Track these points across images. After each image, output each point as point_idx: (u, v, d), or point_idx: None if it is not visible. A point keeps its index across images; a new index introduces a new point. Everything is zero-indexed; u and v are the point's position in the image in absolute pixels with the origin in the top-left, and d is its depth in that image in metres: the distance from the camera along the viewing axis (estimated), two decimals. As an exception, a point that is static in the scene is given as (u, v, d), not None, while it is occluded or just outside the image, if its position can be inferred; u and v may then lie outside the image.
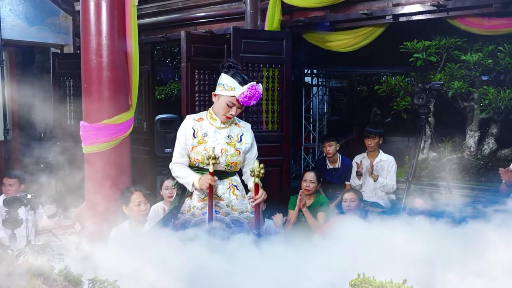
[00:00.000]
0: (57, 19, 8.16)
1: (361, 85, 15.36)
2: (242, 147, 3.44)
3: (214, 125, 3.45)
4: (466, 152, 6.92)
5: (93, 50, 4.18)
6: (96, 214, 4.27)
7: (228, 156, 3.38)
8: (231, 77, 3.35)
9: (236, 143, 3.43)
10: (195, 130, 3.46)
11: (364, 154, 5.80)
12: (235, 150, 3.41)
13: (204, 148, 3.37)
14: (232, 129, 3.47)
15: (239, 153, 3.42)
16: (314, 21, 6.25)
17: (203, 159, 3.33)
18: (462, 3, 5.33)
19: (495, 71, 6.71)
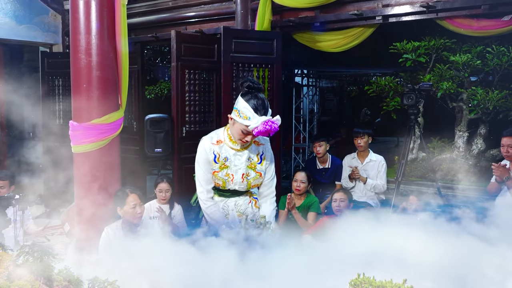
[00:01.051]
0: (46, 18, 8.10)
1: (351, 85, 15.44)
2: (263, 168, 3.35)
3: (234, 148, 3.30)
4: (455, 152, 6.97)
5: (83, 49, 4.15)
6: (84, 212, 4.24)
7: (249, 180, 3.32)
8: (246, 103, 3.05)
9: (256, 164, 3.32)
10: (217, 156, 3.31)
11: (354, 154, 5.82)
12: (256, 173, 3.32)
13: (226, 174, 3.28)
14: (251, 149, 3.32)
15: (260, 175, 3.34)
16: (305, 21, 6.26)
17: (224, 184, 3.30)
18: (451, 4, 5.36)
19: (483, 72, 6.77)
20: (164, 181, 4.85)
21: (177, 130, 5.95)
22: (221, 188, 3.35)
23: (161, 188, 4.81)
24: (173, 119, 5.94)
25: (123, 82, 4.34)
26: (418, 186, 6.52)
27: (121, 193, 3.97)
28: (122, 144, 4.54)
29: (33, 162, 7.83)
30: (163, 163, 6.84)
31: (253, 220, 3.35)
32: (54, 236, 6.12)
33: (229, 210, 3.38)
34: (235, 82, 6.03)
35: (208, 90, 6.28)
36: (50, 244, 5.55)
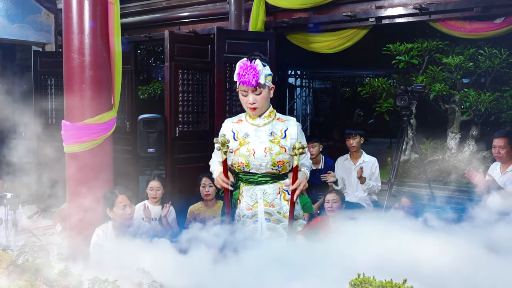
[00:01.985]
0: (39, 17, 8.06)
1: (344, 86, 15.48)
2: (288, 143, 3.09)
3: (254, 124, 3.15)
4: (447, 153, 7.00)
5: (76, 48, 4.13)
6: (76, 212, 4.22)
7: (273, 155, 3.06)
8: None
9: (280, 139, 3.11)
10: (235, 133, 3.16)
11: (346, 155, 5.83)
12: (280, 147, 3.08)
13: (247, 149, 3.08)
14: (274, 124, 3.15)
15: (285, 150, 3.07)
16: (298, 22, 6.27)
17: (247, 161, 3.07)
18: (444, 6, 5.39)
19: (475, 74, 6.80)
20: (155, 179, 4.84)
21: (170, 130, 5.94)
22: (246, 170, 3.12)
23: (151, 186, 4.79)
24: (166, 119, 5.92)
25: (116, 82, 4.33)
26: (410, 187, 6.55)
27: (110, 194, 3.91)
28: (114, 144, 4.53)
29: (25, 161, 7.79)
30: (156, 163, 6.81)
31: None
32: (46, 236, 6.09)
33: (257, 199, 3.14)
34: (228, 82, 6.03)
35: (201, 90, 6.28)
36: (42, 244, 5.53)
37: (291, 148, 3.03)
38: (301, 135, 3.18)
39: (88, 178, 4.16)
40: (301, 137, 3.16)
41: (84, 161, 4.17)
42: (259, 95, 3.04)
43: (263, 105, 3.09)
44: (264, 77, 3.03)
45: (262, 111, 3.13)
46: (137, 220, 4.08)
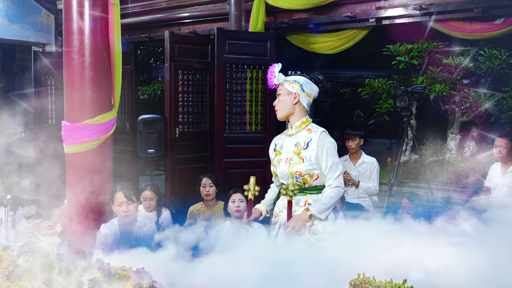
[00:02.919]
0: (39, 17, 8.06)
1: (344, 87, 15.45)
2: (307, 154, 3.11)
3: (287, 135, 3.28)
4: (447, 154, 6.99)
5: (76, 49, 4.13)
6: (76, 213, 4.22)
7: (291, 165, 3.14)
8: None
9: (301, 150, 3.14)
10: (276, 145, 3.34)
11: (346, 156, 5.83)
12: (299, 158, 3.13)
13: (277, 160, 3.22)
14: (301, 135, 3.20)
15: (302, 161, 3.11)
16: (298, 23, 6.27)
17: (275, 171, 3.22)
18: (444, 7, 5.39)
19: (476, 74, 6.79)
20: (148, 189, 4.63)
21: (170, 130, 5.94)
22: (278, 179, 3.26)
23: (145, 196, 4.59)
24: (166, 120, 5.92)
25: (116, 83, 4.33)
26: (410, 188, 6.53)
27: (113, 189, 3.96)
28: (114, 145, 4.53)
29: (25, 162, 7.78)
30: (156, 164, 6.82)
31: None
32: (46, 237, 6.08)
33: (282, 208, 3.20)
34: (228, 83, 6.03)
35: (201, 91, 6.27)
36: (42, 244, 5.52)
37: (310, 159, 3.09)
38: (326, 148, 3.12)
39: (88, 179, 4.16)
40: (328, 151, 3.12)
41: (84, 161, 4.17)
42: (279, 97, 3.22)
43: (283, 109, 3.21)
44: (285, 81, 3.20)
45: (283, 117, 3.24)
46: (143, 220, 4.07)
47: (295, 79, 3.21)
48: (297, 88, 3.19)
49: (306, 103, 3.22)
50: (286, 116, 3.24)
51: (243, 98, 6.12)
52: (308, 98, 3.22)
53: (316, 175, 3.12)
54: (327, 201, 3.08)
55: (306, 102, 3.22)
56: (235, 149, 6.11)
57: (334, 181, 3.10)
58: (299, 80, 3.21)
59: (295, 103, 3.19)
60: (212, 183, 5.00)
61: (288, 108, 3.21)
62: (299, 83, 3.20)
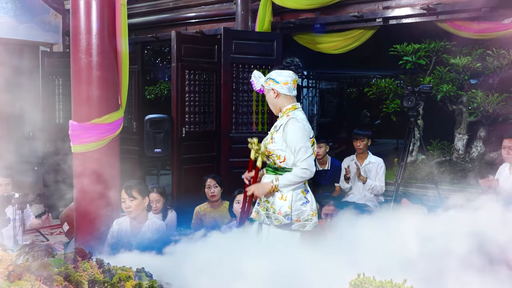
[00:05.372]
0: (47, 18, 8.10)
1: (351, 87, 15.42)
2: (276, 136, 3.37)
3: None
4: (454, 155, 6.96)
5: (83, 49, 4.15)
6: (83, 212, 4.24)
7: (265, 144, 3.42)
8: None
9: (275, 132, 3.41)
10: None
11: (353, 156, 5.82)
12: (271, 138, 3.41)
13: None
14: (281, 119, 3.43)
15: (271, 141, 3.38)
16: (305, 22, 6.27)
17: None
18: (451, 7, 5.36)
19: (483, 74, 6.75)
20: (154, 192, 4.67)
21: (177, 130, 5.95)
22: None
23: (151, 199, 4.50)
24: (173, 120, 5.94)
25: (123, 82, 4.35)
26: (417, 188, 6.51)
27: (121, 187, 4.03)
28: (121, 144, 4.55)
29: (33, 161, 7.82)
30: (162, 163, 6.83)
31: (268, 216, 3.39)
32: (53, 236, 6.13)
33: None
34: (235, 83, 6.04)
35: (208, 90, 6.28)
36: (49, 243, 5.55)
37: (278, 140, 3.34)
38: (292, 131, 3.30)
39: (95, 178, 4.18)
40: (293, 133, 3.30)
41: (91, 161, 4.19)
42: (266, 98, 3.51)
43: (272, 106, 3.49)
44: (262, 82, 3.46)
45: (276, 112, 3.49)
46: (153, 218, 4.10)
47: (268, 77, 3.45)
48: (272, 84, 3.41)
49: (286, 90, 3.40)
50: (277, 110, 3.48)
51: (250, 98, 6.12)
52: (285, 85, 3.40)
53: (283, 157, 3.34)
54: (291, 178, 3.30)
55: (286, 89, 3.40)
56: (241, 149, 6.08)
57: (301, 163, 3.27)
58: (271, 75, 3.43)
59: (276, 97, 3.42)
60: (216, 183, 5.00)
61: (274, 104, 3.47)
62: (271, 78, 3.42)
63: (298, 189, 3.37)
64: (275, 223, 3.35)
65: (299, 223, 3.35)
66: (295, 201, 3.35)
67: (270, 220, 3.38)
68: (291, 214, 3.32)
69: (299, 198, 3.38)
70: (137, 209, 3.93)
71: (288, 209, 3.32)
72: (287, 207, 3.33)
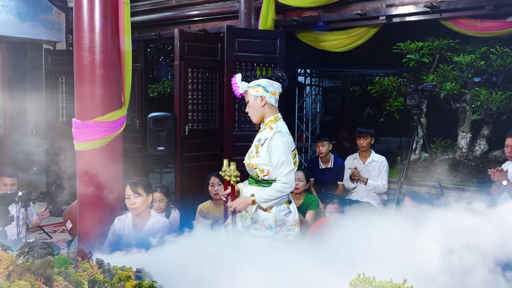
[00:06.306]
0: (50, 16, 8.11)
1: (354, 85, 15.42)
2: (261, 150, 3.37)
3: (260, 130, 3.53)
4: (457, 153, 6.95)
5: (86, 47, 4.15)
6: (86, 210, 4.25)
7: (249, 158, 3.43)
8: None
9: (259, 146, 3.40)
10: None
11: (356, 154, 5.81)
12: (255, 152, 3.40)
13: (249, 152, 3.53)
14: (265, 132, 3.43)
15: (256, 155, 3.38)
16: (308, 20, 6.26)
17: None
18: (455, 4, 5.35)
19: (487, 72, 6.75)
20: (157, 191, 4.64)
21: (180, 128, 5.95)
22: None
23: (154, 198, 4.52)
24: (176, 118, 5.94)
25: (126, 80, 4.35)
26: (420, 186, 6.51)
27: (125, 184, 4.04)
28: (124, 142, 4.55)
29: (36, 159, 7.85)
30: (165, 161, 6.85)
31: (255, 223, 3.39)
32: (56, 233, 6.15)
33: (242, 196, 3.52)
34: (238, 81, 6.02)
35: (211, 89, 6.28)
36: (52, 241, 5.57)
37: (263, 155, 3.34)
38: (276, 146, 3.31)
39: (98, 176, 4.19)
40: (276, 148, 3.31)
41: (94, 159, 4.19)
42: (248, 104, 3.45)
43: (255, 114, 3.44)
44: (249, 87, 3.42)
45: (257, 119, 3.47)
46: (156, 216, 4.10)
47: (258, 83, 3.40)
48: (261, 91, 3.38)
49: (273, 101, 3.42)
50: (259, 118, 3.46)
51: (253, 96, 6.11)
52: (273, 96, 3.41)
53: (267, 171, 3.34)
54: (270, 193, 3.30)
55: (274, 100, 3.42)
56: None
57: (282, 178, 3.28)
58: (261, 83, 3.39)
59: (263, 105, 3.39)
60: (220, 182, 5.00)
61: (258, 112, 3.42)
62: (262, 85, 3.39)
63: (282, 200, 3.39)
64: (257, 234, 3.36)
65: (282, 233, 3.38)
66: (278, 212, 3.38)
67: (251, 231, 3.40)
68: (275, 227, 3.36)
69: (283, 208, 3.41)
70: (141, 206, 3.93)
71: (272, 222, 3.36)
72: (272, 220, 3.36)
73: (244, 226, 3.45)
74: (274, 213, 3.35)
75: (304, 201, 5.17)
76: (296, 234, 3.43)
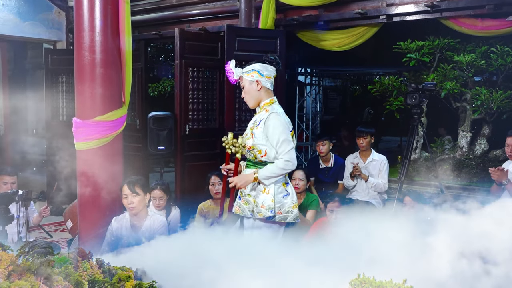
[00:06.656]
0: (50, 15, 8.11)
1: (355, 84, 15.42)
2: (256, 131, 3.42)
3: (255, 113, 3.58)
4: (458, 152, 6.95)
5: (86, 46, 4.15)
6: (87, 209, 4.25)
7: (245, 139, 3.47)
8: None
9: (254, 127, 3.45)
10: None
11: (356, 153, 5.81)
12: (251, 133, 3.45)
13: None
14: (260, 114, 3.48)
15: (252, 136, 3.43)
16: (308, 20, 6.26)
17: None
18: (455, 4, 5.35)
19: (487, 72, 6.73)
20: (157, 188, 4.64)
21: (180, 127, 5.95)
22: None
23: (154, 195, 4.59)
24: (176, 117, 5.94)
25: (126, 80, 4.35)
26: (420, 186, 6.51)
27: (122, 183, 4.03)
28: (125, 142, 4.55)
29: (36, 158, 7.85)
30: (165, 160, 6.85)
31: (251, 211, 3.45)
32: (57, 233, 6.15)
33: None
34: (238, 80, 6.03)
35: (211, 88, 6.28)
36: (53, 240, 5.58)
37: (260, 136, 3.37)
38: (273, 125, 3.35)
39: (99, 175, 4.19)
40: (274, 128, 3.35)
41: (95, 158, 4.19)
42: (244, 89, 3.50)
43: (251, 98, 3.49)
44: (243, 73, 3.48)
45: (254, 104, 3.51)
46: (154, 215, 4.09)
47: (252, 68, 3.47)
48: (256, 75, 3.45)
49: (269, 84, 3.48)
50: (255, 103, 3.51)
51: (253, 95, 6.11)
52: (269, 79, 3.48)
53: (264, 151, 3.39)
54: (272, 169, 3.35)
55: (269, 83, 3.48)
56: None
57: (284, 155, 3.33)
58: (255, 67, 3.46)
59: (259, 89, 3.46)
60: (221, 181, 4.99)
61: (255, 96, 3.48)
62: (256, 70, 3.46)
63: (279, 182, 3.44)
64: (257, 216, 3.43)
65: (280, 215, 3.43)
66: (277, 194, 3.42)
67: (253, 214, 3.45)
68: (274, 207, 3.40)
69: (280, 191, 3.46)
70: (139, 205, 3.91)
71: (271, 202, 3.40)
72: (270, 200, 3.40)
73: (246, 209, 3.49)
74: (273, 194, 3.40)
75: (304, 200, 5.17)
76: (294, 215, 3.48)
